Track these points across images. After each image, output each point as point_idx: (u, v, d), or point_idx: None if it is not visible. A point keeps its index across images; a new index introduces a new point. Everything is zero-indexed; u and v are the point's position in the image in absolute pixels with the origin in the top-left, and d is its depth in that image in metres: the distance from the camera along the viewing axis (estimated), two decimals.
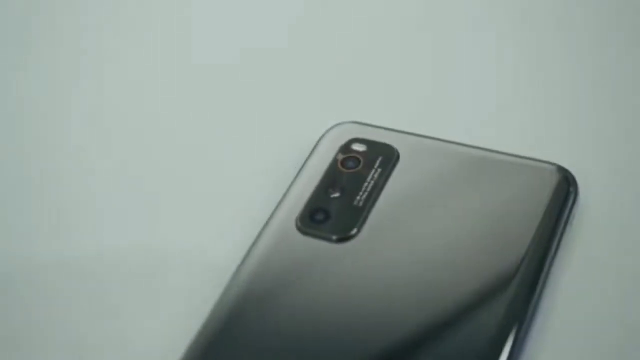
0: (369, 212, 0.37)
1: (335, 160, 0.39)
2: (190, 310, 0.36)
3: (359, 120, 0.42)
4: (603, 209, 0.38)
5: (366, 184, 0.38)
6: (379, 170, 0.39)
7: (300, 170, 0.39)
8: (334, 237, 0.36)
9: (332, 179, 0.38)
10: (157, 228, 0.39)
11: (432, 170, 0.39)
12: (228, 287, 0.35)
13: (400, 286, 0.35)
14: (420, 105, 0.43)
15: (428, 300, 0.34)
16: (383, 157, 0.39)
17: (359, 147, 0.40)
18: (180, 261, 0.38)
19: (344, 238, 0.36)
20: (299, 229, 0.37)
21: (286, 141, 0.42)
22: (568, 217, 0.37)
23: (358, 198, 0.38)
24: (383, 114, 0.43)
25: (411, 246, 0.36)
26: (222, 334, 0.34)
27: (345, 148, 0.40)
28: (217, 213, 0.40)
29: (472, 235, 0.36)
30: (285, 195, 0.38)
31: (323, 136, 0.41)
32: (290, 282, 0.35)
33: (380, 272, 0.35)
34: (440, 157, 0.39)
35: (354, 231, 0.36)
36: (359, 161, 0.39)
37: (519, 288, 0.34)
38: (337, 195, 0.38)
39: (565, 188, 0.37)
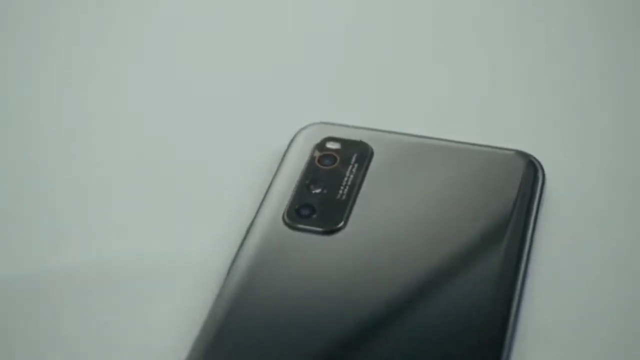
0: (352, 205, 0.39)
1: (312, 158, 0.41)
2: (186, 312, 0.37)
3: (324, 120, 0.44)
4: (566, 190, 0.41)
5: (345, 179, 0.40)
6: (356, 165, 0.40)
7: (278, 169, 0.41)
8: (323, 230, 0.38)
9: (311, 175, 0.40)
10: (142, 236, 0.40)
11: (406, 163, 0.41)
12: (224, 286, 0.36)
13: (391, 272, 0.37)
14: (382, 102, 0.45)
15: (420, 285, 0.36)
16: (358, 153, 0.41)
17: (333, 145, 0.41)
18: (170, 266, 0.39)
19: (332, 230, 0.38)
20: (287, 224, 0.38)
21: (257, 143, 0.43)
22: (539, 199, 0.39)
23: (340, 192, 0.39)
24: (346, 113, 0.45)
25: (397, 234, 0.38)
26: (225, 332, 0.35)
27: (320, 146, 0.41)
28: (200, 216, 0.41)
29: (454, 221, 0.38)
30: (267, 194, 0.40)
31: (295, 137, 0.42)
32: (286, 275, 0.37)
33: (371, 259, 0.37)
34: (412, 151, 0.41)
35: (341, 223, 0.38)
36: (335, 158, 0.41)
37: (507, 268, 0.36)
38: (318, 190, 0.40)
39: (533, 172, 0.40)
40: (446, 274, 0.37)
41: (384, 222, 0.38)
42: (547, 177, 0.40)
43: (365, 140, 0.41)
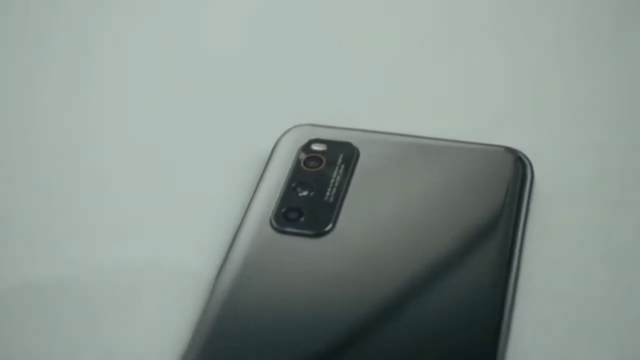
0: (340, 206, 0.38)
1: (298, 160, 0.40)
2: (174, 319, 0.36)
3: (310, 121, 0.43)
4: (553, 185, 0.40)
5: (332, 181, 0.39)
6: (342, 166, 0.40)
7: (263, 172, 0.40)
8: (311, 233, 0.38)
9: (298, 178, 0.40)
10: (127, 243, 0.39)
11: (393, 162, 0.40)
12: (213, 293, 0.36)
13: (381, 273, 0.36)
14: (365, 102, 0.45)
15: (411, 284, 0.36)
16: (344, 154, 0.40)
17: (318, 147, 0.41)
18: (156, 272, 0.38)
19: (321, 233, 0.38)
20: (275, 228, 0.38)
21: (241, 147, 0.43)
22: (529, 195, 0.39)
23: (327, 194, 0.39)
24: (331, 115, 0.44)
25: (386, 235, 0.37)
26: (215, 338, 0.34)
27: (306, 148, 0.41)
28: (185, 221, 0.40)
29: (443, 220, 0.38)
30: (253, 198, 0.39)
31: (280, 139, 0.42)
32: (275, 279, 0.36)
33: (361, 261, 0.37)
34: (398, 150, 0.41)
35: (329, 226, 0.38)
36: (321, 160, 0.40)
37: (498, 265, 0.36)
38: (305, 193, 0.39)
39: (521, 169, 0.40)
40: (437, 274, 0.36)
41: (373, 223, 0.38)
42: (536, 173, 0.40)
43: (351, 141, 0.41)
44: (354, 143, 0.41)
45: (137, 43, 0.49)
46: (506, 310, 0.35)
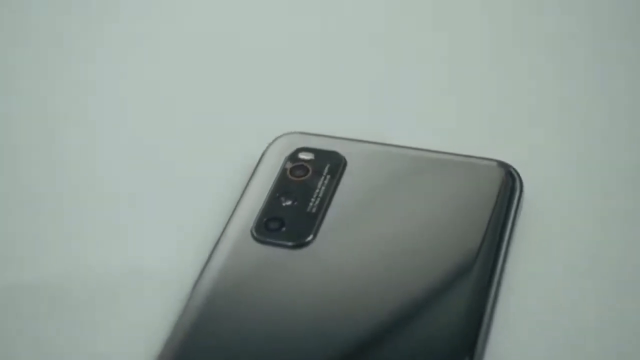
0: (322, 217, 0.38)
1: (284, 170, 0.40)
2: (150, 327, 0.36)
3: (301, 130, 0.43)
4: (544, 200, 0.40)
5: (317, 191, 0.39)
6: (328, 176, 0.39)
7: (249, 181, 0.40)
8: (291, 244, 0.37)
9: (282, 187, 0.39)
10: (108, 249, 0.39)
11: (380, 173, 0.40)
12: (190, 301, 0.36)
13: (359, 287, 0.36)
14: (357, 112, 0.44)
15: (389, 298, 0.35)
16: (330, 164, 0.40)
17: (305, 156, 0.40)
18: (136, 279, 0.38)
19: (301, 244, 0.37)
20: (255, 239, 0.37)
21: (230, 154, 0.42)
22: (517, 209, 0.38)
23: (310, 204, 0.38)
24: (322, 124, 0.44)
25: (367, 248, 0.37)
26: (188, 348, 0.34)
27: (293, 157, 0.40)
28: (168, 229, 0.40)
29: (426, 233, 0.37)
30: (236, 207, 0.39)
31: (268, 147, 0.41)
32: (252, 291, 0.36)
33: (340, 274, 0.36)
34: (386, 161, 0.40)
35: (310, 237, 0.37)
36: (307, 169, 0.40)
37: (478, 281, 0.35)
38: (289, 203, 0.38)
39: (510, 182, 0.39)
40: (419, 287, 0.35)
41: (355, 235, 0.37)
42: (525, 187, 0.39)
43: (338, 150, 0.40)
44: (342, 152, 0.40)
45: (132, 45, 0.49)
46: (484, 324, 0.34)
